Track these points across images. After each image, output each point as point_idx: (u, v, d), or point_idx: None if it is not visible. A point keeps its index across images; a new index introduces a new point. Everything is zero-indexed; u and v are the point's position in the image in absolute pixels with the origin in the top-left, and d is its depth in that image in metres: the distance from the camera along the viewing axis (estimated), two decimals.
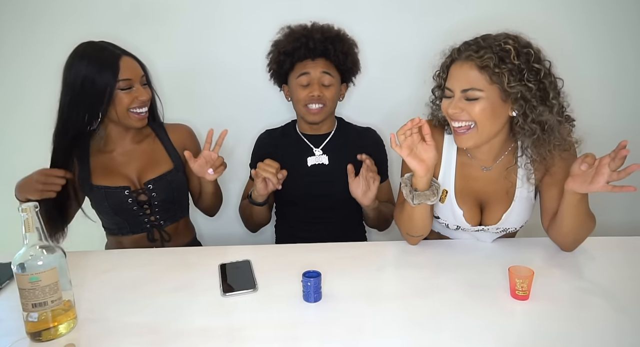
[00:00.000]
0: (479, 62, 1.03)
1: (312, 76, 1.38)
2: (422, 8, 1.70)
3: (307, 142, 1.49)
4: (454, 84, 1.09)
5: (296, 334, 0.88)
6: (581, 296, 0.99)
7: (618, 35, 1.72)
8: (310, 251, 1.24)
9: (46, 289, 0.86)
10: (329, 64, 1.40)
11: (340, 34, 1.42)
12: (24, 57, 1.76)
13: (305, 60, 1.38)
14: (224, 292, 1.03)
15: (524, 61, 1.03)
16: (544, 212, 1.22)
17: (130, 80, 1.24)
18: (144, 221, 1.37)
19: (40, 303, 0.86)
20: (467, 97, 1.07)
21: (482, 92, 1.05)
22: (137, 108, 1.26)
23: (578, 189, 1.03)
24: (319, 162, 1.47)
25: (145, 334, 0.89)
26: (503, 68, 1.02)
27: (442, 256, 1.19)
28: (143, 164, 1.37)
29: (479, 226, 1.24)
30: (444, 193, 1.23)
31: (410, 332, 0.88)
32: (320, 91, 1.38)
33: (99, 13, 1.70)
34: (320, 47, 1.36)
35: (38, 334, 0.88)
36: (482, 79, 1.05)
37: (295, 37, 1.37)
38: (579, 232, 1.14)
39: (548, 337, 0.86)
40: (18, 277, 0.85)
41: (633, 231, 1.59)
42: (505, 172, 1.20)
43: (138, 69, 1.27)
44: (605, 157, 0.98)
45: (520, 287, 0.96)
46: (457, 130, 1.12)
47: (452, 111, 1.09)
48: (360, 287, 1.04)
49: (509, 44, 1.03)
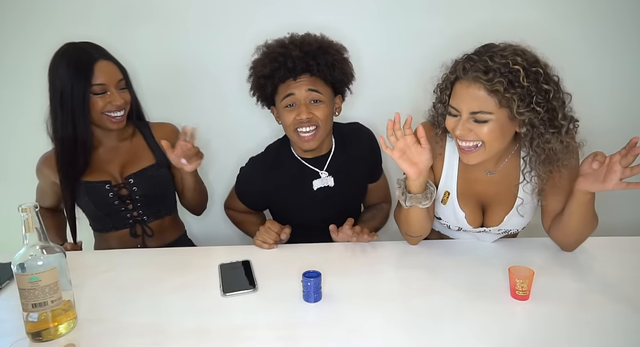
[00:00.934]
0: (488, 86, 0.99)
1: (297, 97, 1.25)
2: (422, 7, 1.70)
3: (310, 166, 1.38)
4: (461, 105, 1.05)
5: (296, 334, 0.88)
6: (582, 296, 0.99)
7: (610, 29, 1.70)
8: (310, 251, 1.24)
9: (46, 289, 0.86)
10: (315, 79, 1.26)
11: (323, 45, 1.27)
12: (25, 56, 1.76)
13: (287, 80, 1.25)
14: (224, 292, 1.03)
15: (533, 81, 0.99)
16: (546, 214, 1.21)
17: (104, 85, 1.25)
18: (126, 216, 1.39)
19: (40, 303, 0.86)
20: (475, 119, 1.04)
21: (492, 115, 1.02)
22: (111, 112, 1.28)
23: (591, 188, 1.02)
24: (325, 184, 1.38)
25: (146, 334, 0.89)
26: (513, 93, 0.98)
27: (442, 256, 1.19)
28: (125, 160, 1.39)
29: (480, 228, 1.24)
30: (446, 195, 1.22)
31: (410, 333, 0.88)
32: (309, 112, 1.25)
33: (93, 13, 1.70)
34: (301, 64, 1.23)
35: (38, 334, 0.88)
36: (492, 102, 1.01)
37: (272, 57, 1.24)
38: (582, 232, 1.14)
39: (548, 337, 0.86)
40: (18, 277, 0.86)
41: (635, 231, 1.58)
42: (507, 176, 1.19)
43: (114, 73, 1.27)
44: (616, 155, 0.97)
45: (521, 287, 0.96)
46: (463, 148, 1.09)
47: (460, 133, 1.06)
48: (360, 287, 1.04)
49: (517, 64, 0.98)
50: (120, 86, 1.29)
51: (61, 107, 1.25)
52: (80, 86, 1.23)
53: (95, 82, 1.23)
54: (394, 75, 1.76)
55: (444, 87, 1.11)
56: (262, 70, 1.26)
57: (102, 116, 1.28)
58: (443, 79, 1.11)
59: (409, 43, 1.72)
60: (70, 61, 1.24)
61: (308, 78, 1.25)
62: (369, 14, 1.69)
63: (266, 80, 1.27)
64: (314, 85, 1.26)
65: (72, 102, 1.24)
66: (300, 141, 1.29)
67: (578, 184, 1.04)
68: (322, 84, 1.28)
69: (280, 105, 1.28)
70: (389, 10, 1.69)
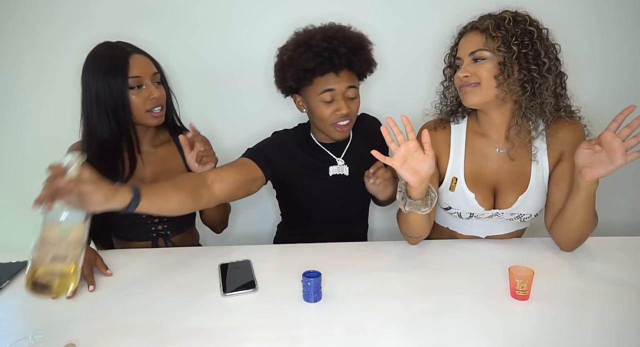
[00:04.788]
0: (481, 28, 1.11)
1: (337, 91, 1.25)
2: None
3: (329, 152, 1.39)
4: (461, 52, 1.16)
5: (296, 334, 0.88)
6: (582, 297, 0.99)
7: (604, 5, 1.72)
8: (310, 251, 1.24)
9: (70, 244, 0.83)
10: (353, 75, 1.28)
11: (362, 40, 1.28)
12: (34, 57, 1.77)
13: (327, 74, 1.24)
14: (224, 292, 1.03)
15: (517, 24, 1.10)
16: (549, 207, 1.22)
17: (139, 78, 1.21)
18: (150, 229, 1.36)
19: (60, 257, 0.82)
20: (474, 58, 1.13)
21: (489, 52, 1.10)
22: (152, 108, 1.24)
23: (602, 173, 1.01)
24: (341, 172, 1.38)
25: (146, 334, 0.89)
26: (499, 30, 1.09)
27: (442, 256, 1.19)
28: (158, 170, 1.34)
29: (492, 210, 1.24)
30: (454, 181, 1.24)
31: (410, 333, 0.88)
32: (348, 107, 1.27)
33: (112, 13, 1.71)
34: (345, 61, 1.22)
35: (45, 287, 0.83)
36: (486, 42, 1.11)
37: (317, 52, 1.20)
38: (585, 227, 1.14)
39: (548, 337, 0.86)
40: (47, 226, 0.82)
41: (635, 231, 1.58)
42: (520, 156, 1.21)
43: (149, 66, 1.24)
44: (607, 133, 0.99)
45: (521, 287, 0.96)
46: (463, 88, 1.16)
47: (462, 74, 1.14)
48: (360, 287, 1.04)
49: (506, 13, 1.12)
50: (155, 79, 1.25)
51: (97, 107, 1.20)
52: (117, 82, 1.19)
53: (131, 75, 1.20)
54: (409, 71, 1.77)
55: (451, 51, 1.22)
56: (305, 64, 1.22)
57: (145, 114, 1.23)
58: (450, 48, 1.22)
59: (417, 38, 1.73)
60: (104, 59, 1.20)
61: (348, 74, 1.26)
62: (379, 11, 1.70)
63: (306, 73, 1.24)
64: (353, 81, 1.28)
65: (110, 100, 1.20)
66: (337, 132, 1.31)
67: (585, 175, 1.04)
68: (356, 78, 1.30)
69: (316, 98, 1.26)
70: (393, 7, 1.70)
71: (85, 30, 1.64)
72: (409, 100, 1.60)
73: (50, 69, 1.78)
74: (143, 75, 1.22)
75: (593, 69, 1.76)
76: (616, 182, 1.76)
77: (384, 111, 1.36)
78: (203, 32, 1.76)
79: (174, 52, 1.71)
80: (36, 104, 1.83)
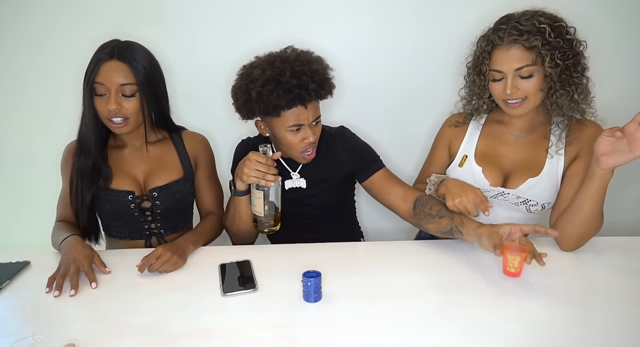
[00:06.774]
0: (527, 45, 1.12)
1: (306, 122, 1.25)
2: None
3: (285, 165, 1.40)
4: (505, 67, 1.16)
5: (296, 334, 0.88)
6: (585, 296, 0.99)
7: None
8: (310, 251, 1.24)
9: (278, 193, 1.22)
10: (317, 103, 1.28)
11: (326, 69, 1.26)
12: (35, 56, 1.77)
13: (295, 107, 1.22)
14: (224, 292, 1.03)
15: (558, 35, 1.12)
16: (558, 203, 1.24)
17: (102, 86, 1.18)
18: (144, 227, 1.36)
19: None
20: (520, 75, 1.15)
21: (535, 66, 1.13)
22: (111, 118, 1.22)
23: (620, 161, 1.02)
24: (297, 185, 1.39)
25: (146, 334, 0.89)
26: (548, 48, 1.11)
27: (442, 256, 1.19)
28: (152, 169, 1.34)
29: (499, 188, 1.26)
30: (464, 158, 1.31)
31: (410, 332, 0.88)
32: (314, 134, 1.27)
33: (112, 13, 1.71)
34: (314, 95, 1.23)
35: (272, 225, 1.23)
36: (531, 57, 1.13)
37: (287, 89, 1.19)
38: (589, 224, 1.13)
39: (549, 337, 0.86)
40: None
41: (636, 231, 1.58)
42: (537, 144, 1.26)
43: (120, 76, 1.18)
44: (632, 123, 0.99)
45: (512, 264, 0.96)
46: (510, 104, 1.19)
47: (510, 91, 1.16)
48: (360, 287, 1.04)
49: (542, 23, 1.12)
50: (124, 91, 1.19)
51: (83, 104, 1.23)
52: (87, 84, 1.19)
53: (96, 81, 1.18)
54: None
55: (482, 60, 1.21)
56: (276, 101, 1.19)
57: (105, 120, 1.23)
58: (478, 54, 1.22)
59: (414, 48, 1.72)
60: (93, 57, 1.20)
61: (314, 103, 1.26)
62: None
63: (275, 108, 1.22)
64: (318, 109, 1.28)
65: (83, 99, 1.21)
66: (304, 159, 1.32)
67: (602, 163, 1.04)
68: (318, 103, 1.29)
69: (284, 129, 1.25)
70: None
71: (87, 30, 1.65)
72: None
73: (50, 69, 1.78)
74: (107, 84, 1.18)
75: (610, 69, 1.74)
76: (622, 182, 1.76)
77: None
78: (203, 32, 1.76)
79: (174, 52, 1.72)
80: (36, 104, 1.84)
